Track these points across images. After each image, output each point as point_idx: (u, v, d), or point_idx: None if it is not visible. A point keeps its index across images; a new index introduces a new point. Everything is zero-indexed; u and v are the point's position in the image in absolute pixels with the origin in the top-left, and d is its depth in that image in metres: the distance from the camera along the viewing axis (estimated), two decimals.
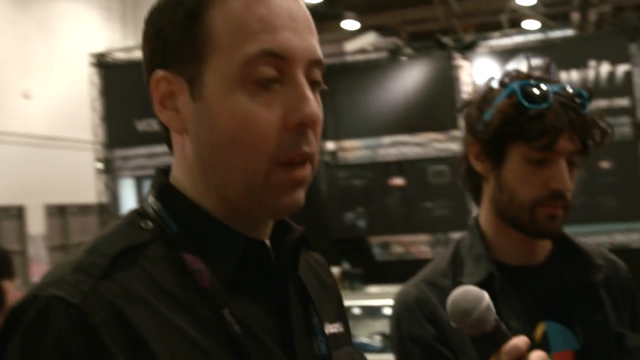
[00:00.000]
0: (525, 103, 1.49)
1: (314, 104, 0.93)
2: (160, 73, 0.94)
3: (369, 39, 12.39)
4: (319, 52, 0.96)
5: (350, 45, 12.34)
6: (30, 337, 0.83)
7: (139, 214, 0.98)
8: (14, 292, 4.83)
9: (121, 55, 7.48)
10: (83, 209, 14.24)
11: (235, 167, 0.92)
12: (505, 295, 1.54)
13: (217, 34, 0.92)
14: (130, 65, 7.33)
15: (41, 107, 13.78)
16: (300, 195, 0.96)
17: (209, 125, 0.92)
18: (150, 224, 0.95)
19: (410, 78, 7.72)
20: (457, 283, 1.46)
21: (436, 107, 7.65)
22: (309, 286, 1.07)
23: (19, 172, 12.57)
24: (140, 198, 6.47)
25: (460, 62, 7.61)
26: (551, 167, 1.50)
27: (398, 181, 7.57)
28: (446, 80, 7.62)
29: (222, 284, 0.92)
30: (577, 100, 1.51)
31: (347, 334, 1.15)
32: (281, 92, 0.92)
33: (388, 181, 7.61)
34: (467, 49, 7.56)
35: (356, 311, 6.61)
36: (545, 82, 1.54)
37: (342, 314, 1.17)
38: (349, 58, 8.59)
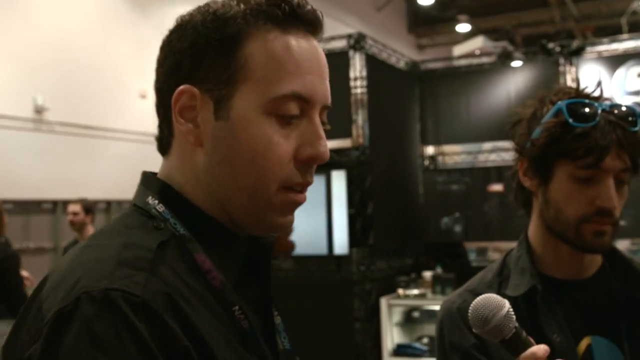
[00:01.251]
0: (571, 121, 1.50)
1: (326, 144, 1.04)
2: (185, 86, 1.02)
3: (477, 43, 12.23)
4: (330, 98, 1.07)
5: (458, 50, 12.23)
6: (94, 328, 0.84)
7: (144, 215, 1.04)
8: None
9: None
10: None
11: (246, 185, 1.02)
12: (549, 309, 1.56)
13: (254, 65, 1.01)
14: None
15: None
16: (293, 216, 1.07)
17: (229, 144, 1.01)
18: (162, 224, 1.02)
19: (514, 84, 7.62)
20: (500, 295, 1.47)
21: None
22: None
23: (133, 168, 13.07)
24: None
25: (566, 68, 7.44)
26: (598, 185, 1.50)
27: (497, 187, 7.49)
28: (551, 86, 7.46)
29: (229, 282, 1.01)
30: (629, 118, 1.51)
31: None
32: (298, 128, 1.03)
33: (487, 187, 7.54)
34: (574, 55, 7.38)
35: None
36: (596, 99, 1.55)
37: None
38: (455, 63, 8.52)
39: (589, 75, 7.31)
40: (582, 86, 1.60)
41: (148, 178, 1.09)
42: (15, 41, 11.32)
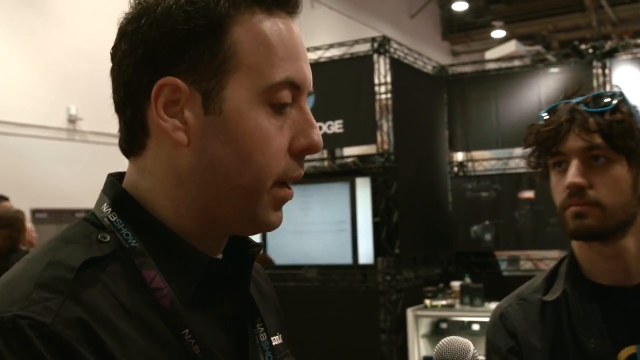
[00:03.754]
0: (541, 118, 1.59)
1: (319, 132, 0.98)
2: (168, 79, 0.92)
3: (510, 47, 12.02)
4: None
5: (490, 55, 12.02)
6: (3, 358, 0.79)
7: (92, 224, 0.96)
8: None
9: None
10: None
11: (241, 185, 0.93)
12: (587, 314, 1.55)
13: (243, 52, 0.92)
14: None
15: None
16: (282, 213, 1.00)
17: (221, 140, 0.92)
18: (107, 236, 0.93)
19: (545, 87, 7.39)
20: (541, 300, 1.64)
21: None
22: (255, 298, 1.07)
23: None
24: None
25: (600, 70, 7.20)
26: (567, 170, 1.53)
27: (528, 194, 7.26)
28: (585, 89, 7.23)
29: (181, 301, 0.91)
30: (605, 100, 1.53)
31: (285, 345, 1.14)
32: (289, 117, 0.96)
33: (517, 194, 7.32)
34: (607, 57, 7.13)
35: (475, 327, 6.40)
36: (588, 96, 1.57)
37: (281, 325, 1.18)
38: (484, 67, 8.32)
39: (623, 77, 7.06)
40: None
41: (109, 183, 1.00)
42: (48, 51, 11.41)
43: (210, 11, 0.91)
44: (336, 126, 6.62)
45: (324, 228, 6.72)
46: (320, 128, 6.34)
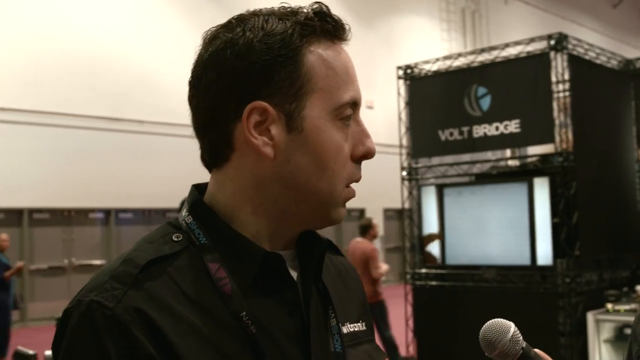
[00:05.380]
0: None
1: (372, 141, 1.16)
2: (257, 103, 1.10)
3: None
4: None
5: None
6: (75, 335, 1.01)
7: (173, 226, 1.17)
8: None
9: (427, 67, 7.65)
10: (400, 213, 14.95)
11: (319, 189, 1.12)
12: None
13: (316, 77, 1.11)
14: (435, 76, 7.47)
15: (382, 117, 14.67)
16: (345, 209, 1.19)
17: (304, 152, 1.11)
18: (180, 236, 1.13)
19: None
20: None
21: None
22: (333, 289, 1.24)
23: (364, 177, 13.46)
24: (441, 205, 6.51)
25: None
26: None
27: None
28: None
29: (242, 289, 1.09)
30: None
31: (369, 332, 1.30)
32: (349, 129, 1.14)
33: None
34: None
35: None
36: None
37: (365, 315, 1.33)
38: None
39: None
40: None
41: (190, 192, 1.20)
42: None
43: (286, 43, 1.09)
44: (513, 126, 6.53)
45: (502, 228, 6.65)
46: (497, 128, 6.31)
